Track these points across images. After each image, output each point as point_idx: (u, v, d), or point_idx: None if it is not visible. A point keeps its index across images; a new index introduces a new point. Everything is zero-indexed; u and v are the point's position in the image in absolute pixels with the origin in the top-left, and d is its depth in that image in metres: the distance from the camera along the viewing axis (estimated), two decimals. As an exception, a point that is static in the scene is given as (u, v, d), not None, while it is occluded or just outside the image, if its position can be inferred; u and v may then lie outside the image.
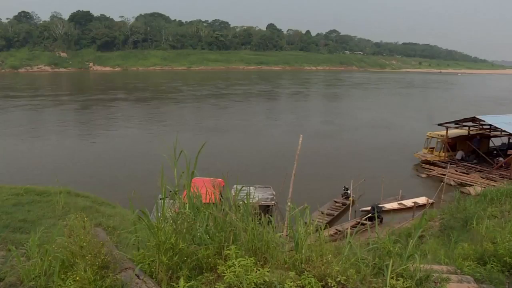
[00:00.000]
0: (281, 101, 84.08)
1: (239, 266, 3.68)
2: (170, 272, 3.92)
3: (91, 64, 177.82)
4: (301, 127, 49.55)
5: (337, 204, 24.73)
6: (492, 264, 5.89)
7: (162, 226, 4.12)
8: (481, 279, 5.49)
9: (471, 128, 34.75)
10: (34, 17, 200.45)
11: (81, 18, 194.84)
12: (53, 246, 4.00)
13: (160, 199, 4.73)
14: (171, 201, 4.86)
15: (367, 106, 75.83)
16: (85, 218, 4.21)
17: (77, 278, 3.63)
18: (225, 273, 3.67)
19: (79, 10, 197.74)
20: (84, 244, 3.85)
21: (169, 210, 4.53)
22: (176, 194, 4.77)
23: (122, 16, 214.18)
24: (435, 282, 4.51)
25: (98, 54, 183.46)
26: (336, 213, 23.62)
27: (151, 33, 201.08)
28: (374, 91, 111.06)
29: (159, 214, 4.38)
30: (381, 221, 21.09)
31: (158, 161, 4.79)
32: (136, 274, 3.83)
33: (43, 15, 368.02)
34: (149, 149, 33.46)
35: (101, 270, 3.77)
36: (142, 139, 40.27)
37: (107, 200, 13.52)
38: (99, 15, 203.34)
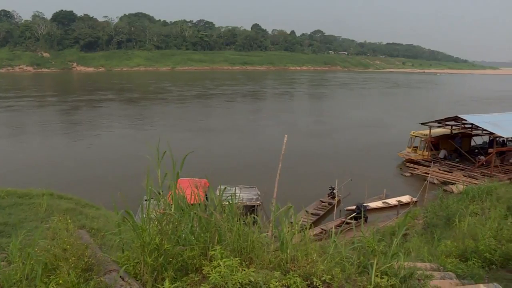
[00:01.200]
0: (269, 101, 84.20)
1: (224, 267, 3.66)
2: (155, 274, 3.89)
3: (74, 64, 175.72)
4: (289, 127, 49.75)
5: (323, 203, 24.81)
6: (473, 260, 6.00)
7: (147, 227, 4.10)
8: (463, 275, 5.57)
9: (454, 127, 35.24)
10: (15, 16, 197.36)
11: (64, 18, 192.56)
12: (36, 250, 3.92)
13: (146, 200, 4.70)
14: (156, 202, 4.84)
15: (355, 105, 76.55)
16: (69, 220, 4.17)
17: (60, 281, 3.59)
18: (210, 273, 3.66)
19: (62, 10, 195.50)
20: (68, 246, 3.80)
21: (154, 211, 4.50)
22: (161, 195, 4.74)
23: (106, 16, 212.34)
24: (418, 280, 4.55)
25: (81, 54, 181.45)
26: (321, 212, 23.70)
27: (135, 33, 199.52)
28: (361, 91, 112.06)
29: (144, 215, 4.36)
30: (365, 220, 21.16)
31: (145, 163, 4.76)
32: (120, 276, 3.80)
33: (25, 15, 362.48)
34: (136, 150, 33.17)
35: (85, 272, 3.73)
36: (130, 140, 39.92)
37: (91, 202, 13.39)
38: (82, 15, 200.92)
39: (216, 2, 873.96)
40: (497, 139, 31.94)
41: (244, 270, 3.72)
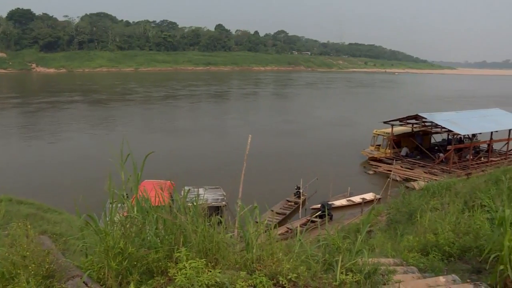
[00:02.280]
0: (237, 102, 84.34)
1: (190, 268, 3.64)
2: (119, 278, 3.83)
3: (33, 65, 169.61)
4: (257, 126, 50.04)
5: (289, 203, 25.02)
6: (433, 253, 6.18)
7: (110, 230, 4.03)
8: (424, 268, 5.74)
9: (414, 125, 36.25)
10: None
11: (21, 17, 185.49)
12: (-8, 258, 3.78)
13: (110, 203, 4.62)
14: (120, 205, 4.75)
15: (321, 105, 77.58)
16: (29, 226, 4.04)
17: (19, 290, 3.47)
18: (176, 276, 3.63)
19: (19, 8, 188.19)
20: (27, 253, 3.68)
21: (118, 214, 4.42)
22: (124, 197, 4.66)
23: (66, 16, 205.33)
24: (382, 275, 4.65)
25: (41, 54, 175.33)
26: (288, 212, 23.91)
27: (97, 33, 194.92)
28: (327, 90, 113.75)
29: (108, 219, 4.28)
30: (331, 218, 21.59)
31: (109, 165, 4.67)
32: (84, 282, 3.71)
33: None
34: (102, 152, 32.45)
35: (46, 280, 3.63)
36: (97, 143, 39.09)
37: (53, 206, 13.05)
38: (41, 14, 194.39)
39: (179, 2, 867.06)
40: (455, 136, 33.08)
41: (210, 271, 3.72)
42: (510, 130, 34.41)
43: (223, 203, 19.40)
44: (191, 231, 4.20)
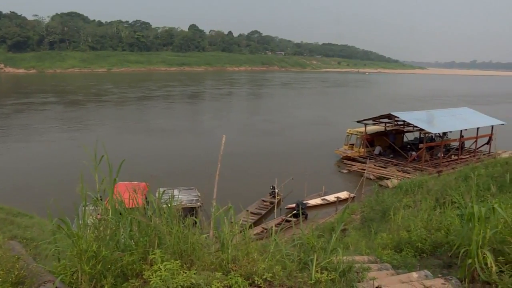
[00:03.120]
0: (214, 102, 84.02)
1: (165, 270, 3.62)
2: (93, 282, 3.77)
3: (1, 65, 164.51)
4: (233, 126, 50.01)
5: (265, 203, 25.06)
6: (406, 250, 6.31)
7: (83, 233, 3.96)
8: (398, 265, 5.85)
9: (387, 124, 36.83)
10: None
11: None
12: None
13: (83, 206, 4.53)
14: (94, 208, 4.67)
15: (297, 105, 78.23)
16: (-3, 232, 3.93)
17: (-14, 298, 3.38)
18: (151, 278, 3.60)
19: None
20: (-4, 259, 3.59)
21: (91, 217, 4.34)
22: (98, 200, 4.59)
23: (36, 15, 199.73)
24: (357, 272, 4.71)
25: (9, 55, 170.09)
26: (263, 212, 23.95)
27: (68, 33, 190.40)
28: (303, 90, 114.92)
29: (81, 222, 4.20)
30: (305, 217, 21.74)
31: (84, 167, 4.58)
32: (56, 287, 3.64)
33: None
34: (75, 155, 31.78)
35: (16, 286, 3.54)
36: (71, 145, 38.22)
37: (24, 210, 12.74)
38: (8, 12, 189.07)
39: (152, 2, 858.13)
40: (427, 135, 33.75)
41: (185, 272, 3.70)
42: (478, 128, 35.34)
43: (198, 204, 19.31)
44: (166, 233, 4.17)
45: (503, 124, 36.96)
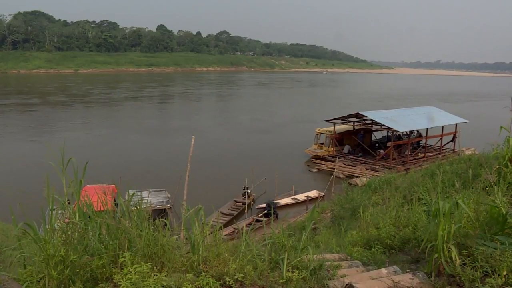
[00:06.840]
0: (182, 104, 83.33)
1: (135, 273, 3.58)
2: (62, 287, 3.68)
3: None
4: (203, 127, 49.69)
5: (237, 203, 25.04)
6: (376, 247, 6.42)
7: (50, 238, 3.85)
8: (368, 262, 5.94)
9: (356, 123, 37.38)
10: None
11: None
12: None
13: (50, 210, 4.41)
14: (61, 212, 4.55)
15: (269, 105, 78.71)
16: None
17: None
18: (121, 281, 3.55)
19: None
20: (-46, 269, 3.44)
21: (59, 221, 4.23)
22: (65, 204, 4.47)
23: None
24: (327, 270, 4.76)
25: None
26: (235, 212, 23.92)
27: (32, 33, 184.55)
28: (282, 90, 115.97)
29: (47, 226, 4.08)
30: (276, 217, 21.83)
31: (51, 171, 4.45)
32: (21, 295, 3.53)
33: None
34: (43, 158, 30.79)
35: (-24, 297, 3.41)
36: (36, 148, 36.94)
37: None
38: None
39: (119, 2, 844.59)
40: (394, 133, 34.43)
41: (156, 275, 3.66)
42: (443, 126, 36.31)
43: (168, 205, 19.16)
44: (136, 235, 4.11)
45: (465, 122, 38.12)
